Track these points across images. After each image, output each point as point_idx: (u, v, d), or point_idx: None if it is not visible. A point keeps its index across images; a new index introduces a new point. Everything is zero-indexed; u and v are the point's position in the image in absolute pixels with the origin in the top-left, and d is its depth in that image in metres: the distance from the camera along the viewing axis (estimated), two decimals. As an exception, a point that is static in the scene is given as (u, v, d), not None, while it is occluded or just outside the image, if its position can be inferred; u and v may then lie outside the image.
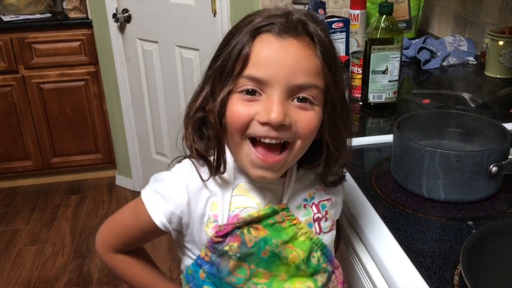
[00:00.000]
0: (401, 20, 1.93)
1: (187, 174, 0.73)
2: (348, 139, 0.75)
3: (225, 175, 0.72)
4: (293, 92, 0.65)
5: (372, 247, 0.83)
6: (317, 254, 0.76)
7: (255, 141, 0.67)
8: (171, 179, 0.74)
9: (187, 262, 0.78)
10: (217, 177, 0.72)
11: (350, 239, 0.90)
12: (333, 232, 0.81)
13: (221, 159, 0.71)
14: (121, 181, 3.01)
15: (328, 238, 0.79)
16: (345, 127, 0.73)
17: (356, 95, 1.42)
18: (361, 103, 1.41)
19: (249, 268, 0.73)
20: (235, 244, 0.71)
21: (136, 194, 3.08)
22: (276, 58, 0.64)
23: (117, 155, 2.98)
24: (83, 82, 2.81)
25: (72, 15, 2.73)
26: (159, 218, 0.73)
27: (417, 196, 0.95)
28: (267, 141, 0.66)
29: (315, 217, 0.78)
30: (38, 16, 2.73)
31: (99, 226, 0.85)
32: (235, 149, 0.70)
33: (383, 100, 1.36)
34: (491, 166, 0.90)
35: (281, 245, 0.73)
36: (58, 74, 2.77)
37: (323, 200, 0.79)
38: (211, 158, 0.71)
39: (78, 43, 2.72)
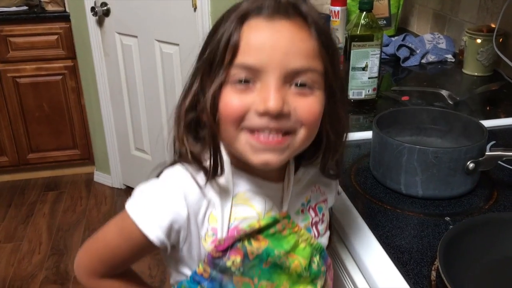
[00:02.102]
0: (381, 17, 1.94)
1: (184, 182, 0.65)
2: (346, 126, 0.70)
3: (224, 181, 0.66)
4: (290, 78, 0.60)
5: (351, 243, 0.83)
6: (316, 259, 0.73)
7: (252, 132, 0.62)
8: (166, 189, 0.66)
9: (179, 277, 0.72)
10: (215, 184, 0.66)
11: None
12: (328, 233, 0.78)
13: (217, 159, 0.64)
14: (99, 177, 2.98)
15: (325, 241, 0.77)
16: (344, 113, 0.68)
17: (336, 91, 1.42)
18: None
19: (253, 283, 0.69)
20: (238, 259, 0.67)
21: (115, 190, 3.05)
22: (268, 42, 0.59)
23: (95, 151, 2.94)
24: (60, 77, 2.76)
25: (49, 8, 2.67)
26: (156, 234, 0.65)
27: (396, 192, 0.96)
28: (266, 133, 0.61)
29: (313, 221, 0.75)
30: (14, 8, 2.67)
31: (77, 223, 0.80)
32: (230, 142, 0.64)
33: (362, 96, 1.36)
34: (468, 163, 0.90)
35: (283, 256, 0.69)
36: (35, 68, 2.71)
37: (320, 202, 0.76)
38: (206, 163, 0.65)
39: (55, 37, 2.67)
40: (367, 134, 1.12)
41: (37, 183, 2.98)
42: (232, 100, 0.61)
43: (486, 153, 0.92)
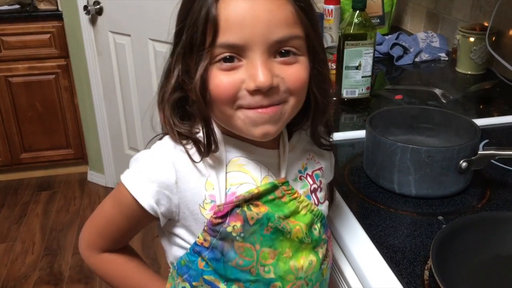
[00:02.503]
0: (374, 16, 1.94)
1: (172, 150, 0.67)
2: (331, 84, 0.70)
3: (216, 152, 0.67)
4: (274, 49, 0.61)
5: (344, 242, 0.83)
6: (317, 226, 0.73)
7: (248, 108, 0.63)
8: (155, 156, 0.67)
9: (178, 252, 0.72)
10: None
11: (322, 235, 0.90)
12: (327, 202, 0.79)
13: (211, 138, 0.65)
14: (93, 177, 2.96)
15: (325, 209, 0.77)
16: (328, 72, 0.69)
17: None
18: (334, 98, 1.41)
19: (255, 249, 0.68)
20: (238, 224, 0.66)
21: (109, 190, 3.04)
22: (248, 17, 0.58)
23: (89, 150, 2.93)
24: (53, 76, 2.75)
25: (42, 6, 2.66)
26: (146, 200, 0.66)
27: (389, 192, 0.95)
28: (259, 109, 0.62)
29: (312, 188, 0.75)
30: (6, 7, 2.65)
31: (70, 223, 0.81)
32: (227, 121, 0.64)
33: (356, 95, 1.36)
34: (461, 162, 0.90)
35: (284, 220, 0.69)
36: (28, 67, 2.70)
37: (316, 170, 0.76)
38: (198, 135, 0.66)
39: (48, 36, 2.65)
40: (361, 133, 1.12)
41: (30, 183, 2.97)
42: (221, 80, 0.61)
43: (479, 152, 0.92)
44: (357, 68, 1.33)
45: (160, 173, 0.66)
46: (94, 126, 2.79)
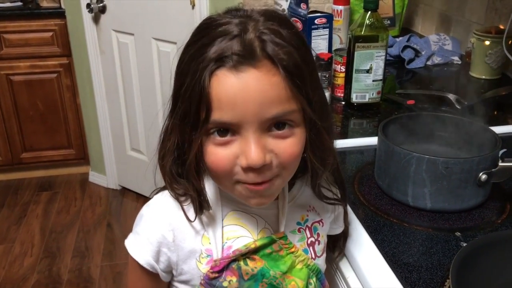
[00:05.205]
0: (385, 17, 1.88)
1: (168, 209, 0.68)
2: (331, 151, 0.69)
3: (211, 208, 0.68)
4: (267, 124, 0.59)
5: (355, 259, 0.77)
6: (313, 281, 0.72)
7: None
8: (152, 216, 0.69)
9: None
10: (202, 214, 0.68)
11: (331, 250, 0.84)
12: (325, 255, 0.77)
13: (202, 202, 0.66)
14: (94, 177, 2.92)
15: (322, 262, 0.76)
16: (329, 136, 0.67)
17: (339, 94, 1.37)
18: (343, 102, 1.35)
19: None
20: (234, 279, 0.67)
21: (110, 191, 2.98)
22: (239, 97, 0.57)
23: (90, 150, 2.88)
24: (55, 75, 2.70)
25: (44, 4, 2.62)
26: (144, 258, 0.68)
27: (402, 204, 0.90)
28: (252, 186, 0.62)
29: (309, 241, 0.74)
30: (8, 4, 2.61)
31: (71, 224, 0.78)
32: (227, 189, 0.66)
33: (366, 100, 1.30)
34: (480, 174, 0.85)
35: (280, 277, 0.69)
36: (29, 65, 2.65)
37: (315, 222, 0.75)
38: (193, 193, 0.67)
39: (50, 34, 2.61)
40: (371, 140, 1.06)
41: (31, 183, 2.92)
42: (217, 155, 0.60)
43: (500, 164, 0.86)
44: (367, 71, 1.27)
45: (157, 234, 0.67)
46: (96, 126, 2.74)
